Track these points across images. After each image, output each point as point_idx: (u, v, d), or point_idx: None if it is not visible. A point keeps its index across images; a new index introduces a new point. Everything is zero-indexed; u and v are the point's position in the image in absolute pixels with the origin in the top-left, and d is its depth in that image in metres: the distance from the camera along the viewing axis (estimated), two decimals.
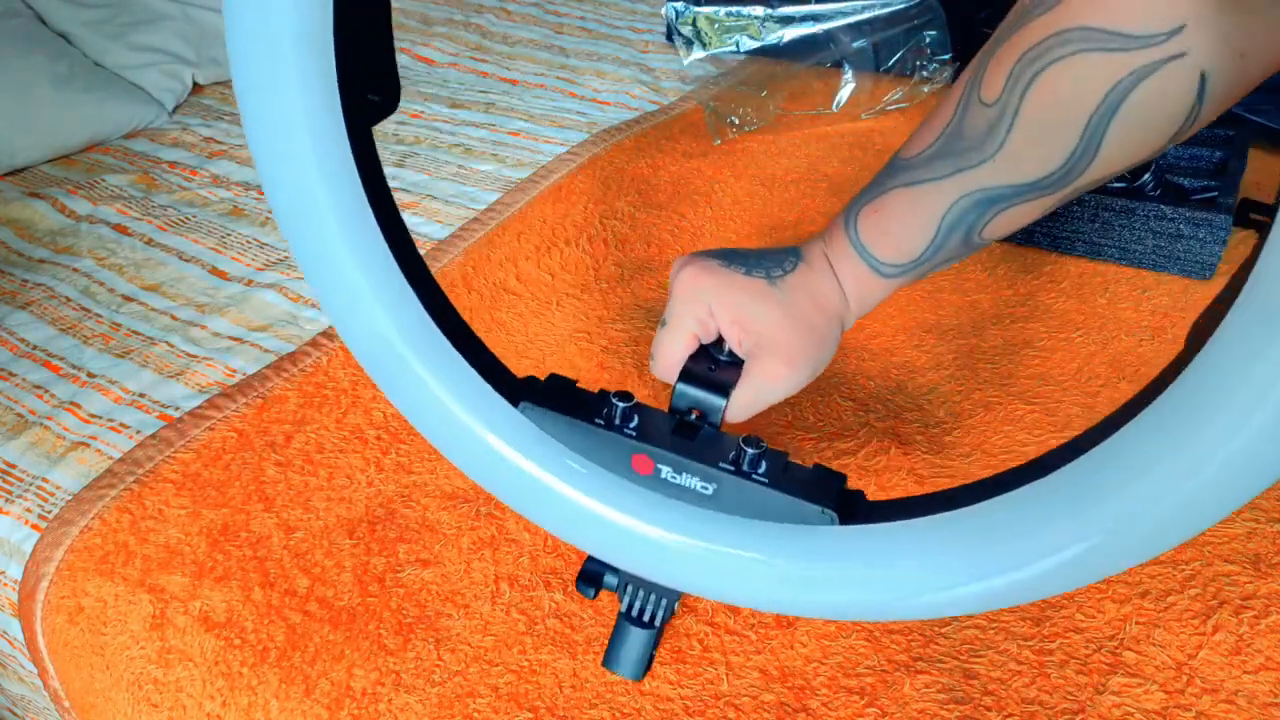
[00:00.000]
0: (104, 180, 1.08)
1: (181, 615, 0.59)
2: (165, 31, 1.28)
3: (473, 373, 0.43)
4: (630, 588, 0.51)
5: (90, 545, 0.64)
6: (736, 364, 0.52)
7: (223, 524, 0.65)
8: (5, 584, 0.66)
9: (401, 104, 1.25)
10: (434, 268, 0.89)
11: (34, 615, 0.63)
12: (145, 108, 1.20)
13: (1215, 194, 0.86)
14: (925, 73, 1.18)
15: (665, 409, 0.51)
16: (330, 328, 0.83)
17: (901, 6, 1.16)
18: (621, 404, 0.45)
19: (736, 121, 1.14)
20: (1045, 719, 0.52)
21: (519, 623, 0.58)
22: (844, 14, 1.16)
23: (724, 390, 0.50)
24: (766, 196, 1.01)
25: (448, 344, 0.43)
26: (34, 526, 0.67)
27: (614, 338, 0.80)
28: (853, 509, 0.43)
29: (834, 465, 0.68)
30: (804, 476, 0.44)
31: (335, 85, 0.37)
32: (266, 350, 0.81)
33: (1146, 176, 0.87)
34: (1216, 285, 0.84)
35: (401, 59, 1.40)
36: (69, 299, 0.89)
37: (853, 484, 0.66)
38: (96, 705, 0.60)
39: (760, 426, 0.71)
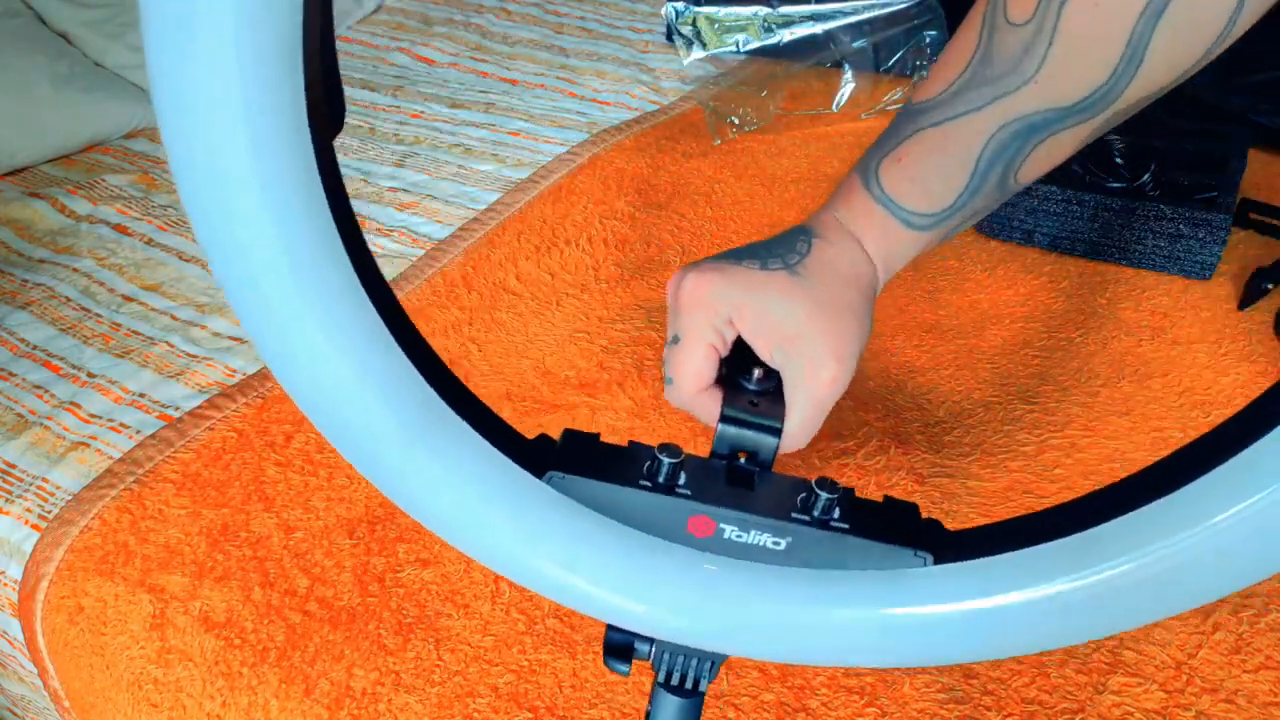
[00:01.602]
0: (104, 180, 1.08)
1: (181, 615, 0.59)
2: None
3: (487, 445, 0.36)
4: (668, 655, 0.44)
5: (90, 545, 0.64)
6: (773, 383, 0.47)
7: (223, 524, 0.65)
8: (5, 584, 0.66)
9: (401, 104, 1.25)
10: (434, 268, 0.89)
11: (34, 615, 0.63)
12: (145, 108, 1.20)
13: (1215, 194, 0.86)
14: (925, 73, 1.18)
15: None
16: None
17: (901, 6, 1.16)
18: (669, 460, 0.39)
19: (736, 121, 1.14)
20: (1045, 719, 0.52)
21: (519, 622, 0.58)
22: (844, 14, 1.16)
23: (772, 421, 0.44)
24: (766, 196, 1.01)
25: (451, 413, 0.36)
26: (34, 526, 0.67)
27: (614, 338, 0.80)
28: (937, 542, 0.39)
29: (834, 465, 0.68)
30: (880, 513, 0.40)
31: (300, 84, 0.29)
32: None
33: (1146, 177, 0.87)
34: (1216, 285, 0.84)
35: (401, 59, 1.40)
36: (69, 299, 0.89)
37: (852, 484, 0.66)
38: (96, 705, 0.60)
39: None
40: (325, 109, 0.32)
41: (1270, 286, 0.81)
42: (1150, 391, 0.73)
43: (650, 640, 0.43)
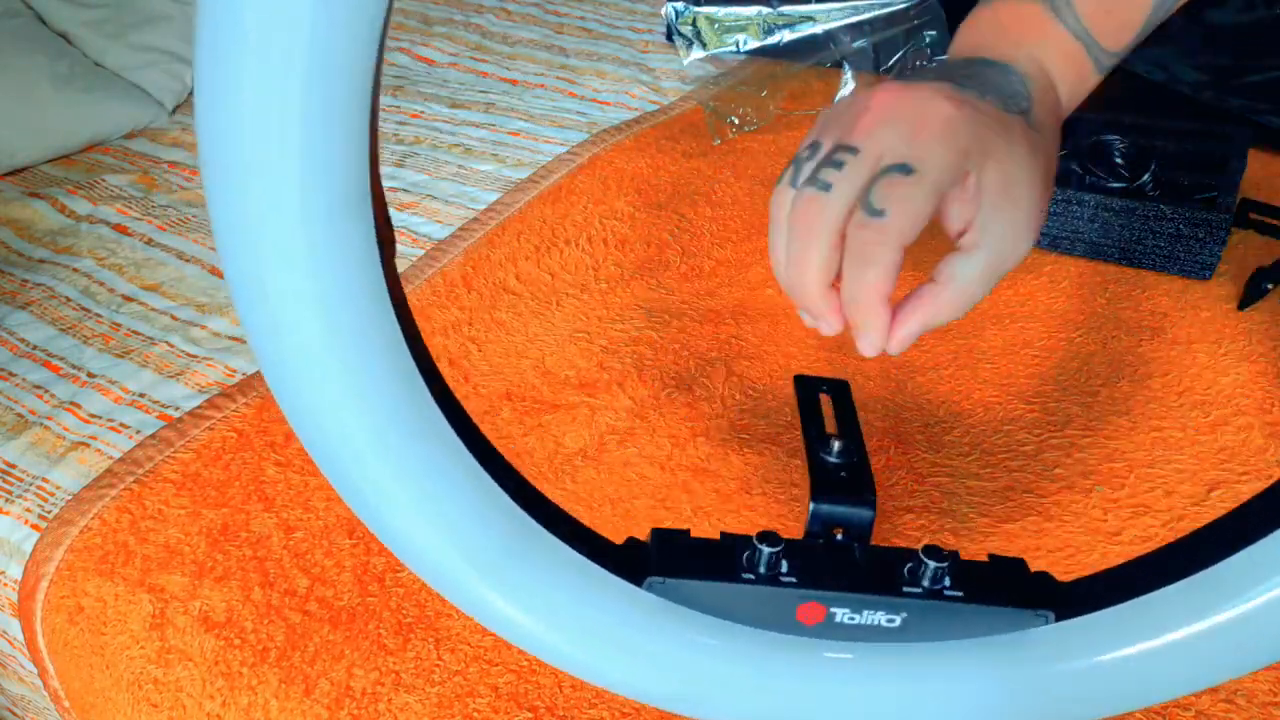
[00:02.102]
0: (104, 180, 1.08)
1: (181, 615, 0.59)
2: (165, 31, 1.28)
3: (583, 560, 0.35)
4: None
5: (90, 545, 0.64)
6: (854, 455, 0.44)
7: (223, 524, 0.65)
8: (5, 584, 0.66)
9: (401, 104, 1.25)
10: (434, 268, 0.89)
11: (34, 615, 0.63)
12: (145, 108, 1.20)
13: (1215, 194, 0.86)
14: None
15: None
16: None
17: (901, 6, 1.16)
18: (768, 549, 0.37)
19: (736, 121, 1.14)
20: None
21: None
22: (844, 14, 1.16)
23: (865, 493, 0.42)
24: (766, 196, 1.01)
25: (545, 532, 0.35)
26: (34, 526, 0.67)
27: (614, 338, 0.80)
28: (1054, 597, 0.37)
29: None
30: (989, 574, 0.38)
31: (370, 215, 0.28)
32: None
33: (1146, 177, 0.87)
34: (1216, 285, 0.84)
35: (401, 59, 1.40)
36: (69, 299, 0.89)
37: None
38: (96, 705, 0.60)
39: (760, 427, 0.71)
40: (383, 233, 0.32)
41: (1270, 286, 0.81)
42: (1150, 391, 0.73)
43: None
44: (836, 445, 0.44)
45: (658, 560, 0.38)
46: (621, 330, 0.81)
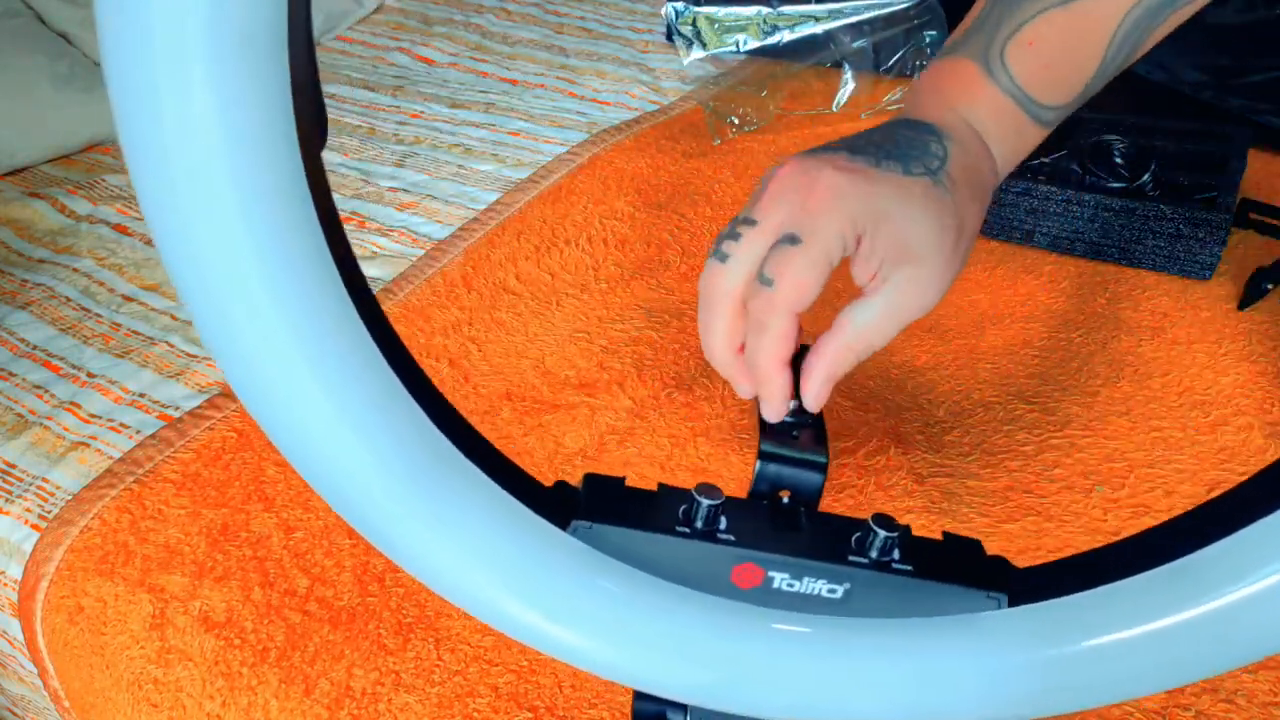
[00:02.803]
0: (104, 180, 1.08)
1: (181, 615, 0.59)
2: None
3: (504, 494, 0.32)
4: None
5: (90, 545, 0.64)
6: (810, 416, 0.42)
7: (223, 524, 0.65)
8: (5, 584, 0.66)
9: (401, 104, 1.25)
10: (434, 268, 0.89)
11: (34, 615, 0.63)
12: None
13: (1215, 194, 0.86)
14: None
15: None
16: None
17: (901, 6, 1.16)
18: (707, 501, 0.34)
19: (736, 121, 1.14)
20: (1045, 718, 0.52)
21: None
22: (844, 14, 1.16)
23: (817, 455, 0.39)
24: None
25: (462, 458, 0.31)
26: (34, 526, 0.67)
27: (614, 338, 0.80)
28: (1008, 582, 0.35)
29: (833, 465, 0.68)
30: (942, 552, 0.36)
31: (287, 89, 0.25)
32: None
33: (1146, 177, 0.87)
34: (1216, 285, 0.84)
35: (401, 59, 1.40)
36: (69, 299, 0.89)
37: (851, 484, 0.66)
38: (96, 705, 0.60)
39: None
40: (311, 123, 0.28)
41: (1270, 286, 0.81)
42: (1150, 391, 0.73)
43: (684, 710, 0.39)
44: (793, 404, 0.42)
45: (586, 504, 0.35)
46: (621, 330, 0.81)
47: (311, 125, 0.28)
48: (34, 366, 0.81)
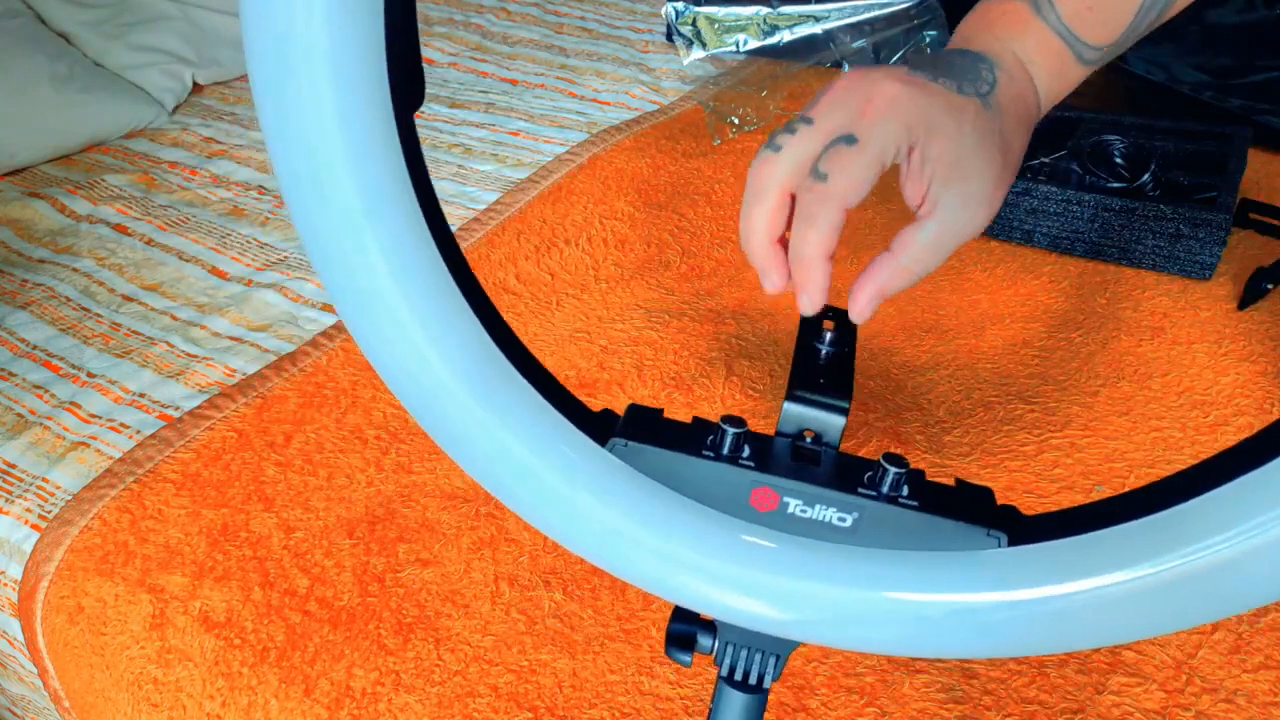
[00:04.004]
0: (104, 180, 1.08)
1: (181, 615, 0.59)
2: (165, 31, 1.28)
3: (552, 410, 0.37)
4: (732, 648, 0.43)
5: (90, 545, 0.64)
6: (844, 359, 0.44)
7: (223, 524, 0.65)
8: (5, 584, 0.66)
9: None
10: None
11: (34, 615, 0.63)
12: (145, 108, 1.20)
13: (1215, 194, 0.86)
14: None
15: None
16: (330, 328, 0.83)
17: (901, 6, 1.16)
18: (732, 430, 0.38)
19: (736, 121, 1.14)
20: (1045, 719, 0.52)
21: (519, 623, 0.58)
22: (844, 14, 1.16)
23: (840, 400, 0.42)
24: None
25: (520, 378, 0.36)
26: (34, 526, 0.67)
27: (614, 338, 0.80)
28: (1014, 526, 0.37)
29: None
30: (951, 494, 0.38)
31: (383, 60, 0.31)
32: (266, 350, 0.81)
33: (1146, 177, 0.87)
34: (1216, 285, 0.84)
35: None
36: (69, 299, 0.89)
37: None
38: (96, 705, 0.60)
39: (761, 427, 0.71)
40: (405, 84, 0.33)
41: (1270, 286, 0.81)
42: (1150, 391, 0.73)
43: (713, 633, 0.42)
44: (828, 336, 0.44)
45: (625, 425, 0.39)
46: (621, 330, 0.81)
47: (406, 85, 0.33)
48: (34, 366, 0.81)
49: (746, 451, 0.38)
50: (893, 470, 0.37)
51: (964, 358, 0.77)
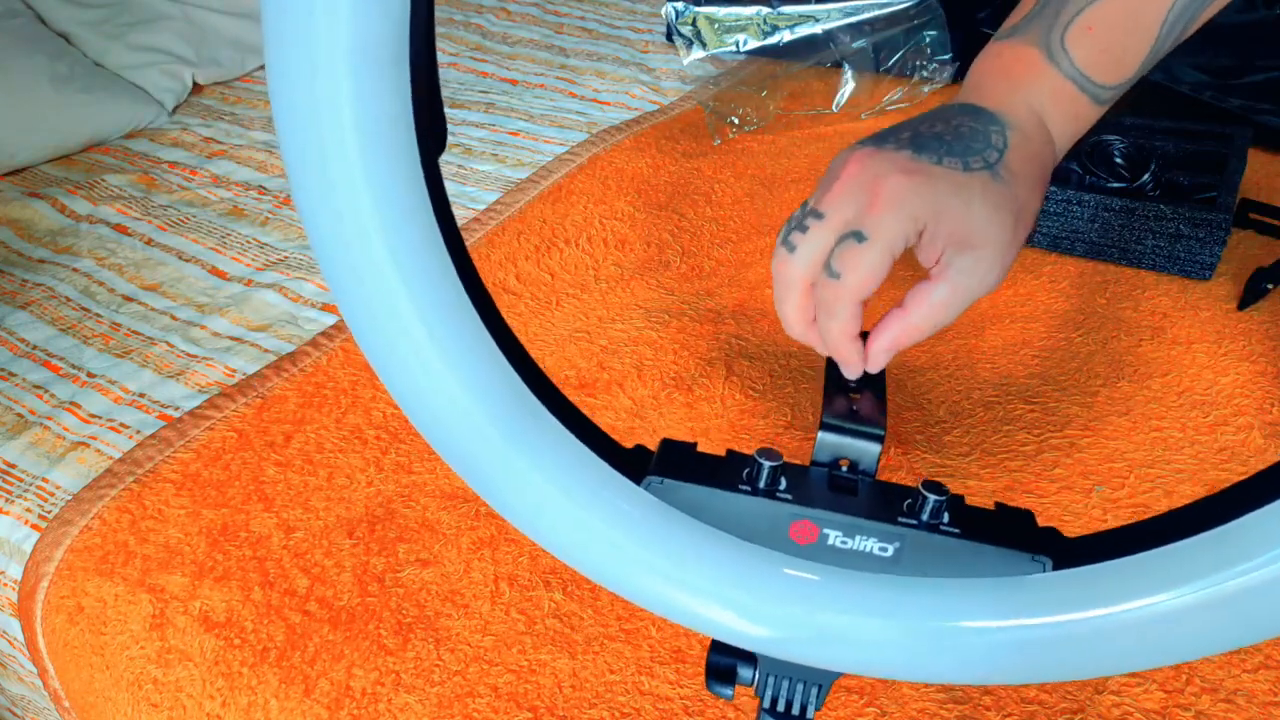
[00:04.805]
0: (104, 180, 1.08)
1: (181, 615, 0.59)
2: (165, 31, 1.28)
3: (586, 450, 0.36)
4: (774, 679, 0.42)
5: (90, 545, 0.64)
6: (875, 386, 0.45)
7: (223, 524, 0.65)
8: (5, 584, 0.66)
9: None
10: None
11: (34, 615, 0.63)
12: (145, 108, 1.20)
13: (1215, 194, 0.86)
14: (925, 73, 1.18)
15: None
16: (330, 328, 0.83)
17: (901, 6, 1.16)
18: (769, 463, 0.38)
19: (736, 121, 1.14)
20: (1045, 719, 0.52)
21: (519, 623, 0.58)
22: (844, 14, 1.16)
23: (874, 428, 0.42)
24: (766, 196, 1.01)
25: (551, 418, 0.36)
26: (34, 526, 0.67)
27: (614, 338, 0.80)
28: (1058, 550, 0.37)
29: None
30: (992, 519, 0.38)
31: (409, 107, 0.31)
32: (266, 350, 0.81)
33: (1146, 177, 0.87)
34: (1216, 285, 0.84)
35: None
36: (69, 299, 0.89)
37: None
38: (96, 705, 0.60)
39: (760, 427, 0.71)
40: (430, 129, 0.33)
41: (1270, 286, 0.81)
42: (1150, 391, 0.73)
43: (754, 664, 0.42)
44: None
45: (659, 461, 0.39)
46: (621, 330, 0.81)
47: (429, 132, 0.33)
48: (34, 366, 0.81)
49: (784, 484, 0.38)
50: (933, 498, 0.37)
51: (964, 358, 0.77)
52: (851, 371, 0.45)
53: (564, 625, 0.58)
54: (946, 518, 0.37)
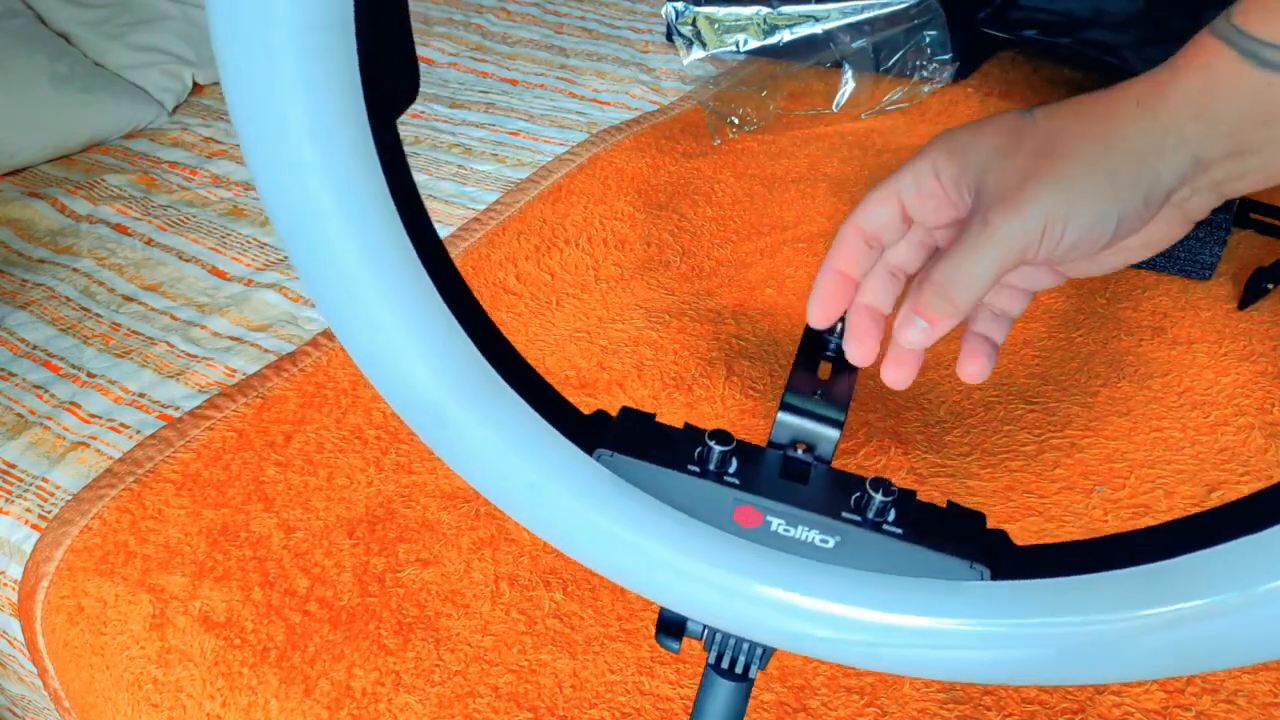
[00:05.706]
0: (104, 180, 1.08)
1: (181, 615, 0.59)
2: (165, 31, 1.28)
3: (536, 417, 0.37)
4: (719, 636, 0.43)
5: (90, 545, 0.64)
6: (846, 373, 0.45)
7: (223, 524, 0.65)
8: (5, 584, 0.66)
9: None
10: None
11: (34, 615, 0.63)
12: (145, 108, 1.20)
13: None
14: (925, 73, 1.18)
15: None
16: (329, 328, 0.83)
17: (901, 6, 1.16)
18: (719, 447, 0.38)
19: (736, 121, 1.14)
20: (1046, 719, 0.52)
21: (519, 623, 0.58)
22: (844, 14, 1.16)
23: (835, 413, 0.42)
24: (766, 196, 1.01)
25: (503, 383, 0.37)
26: (34, 526, 0.67)
27: (614, 338, 0.80)
28: (1001, 556, 0.37)
29: (833, 465, 0.68)
30: (941, 520, 0.38)
31: (355, 62, 0.30)
32: (266, 350, 0.81)
33: None
34: (1216, 285, 0.84)
35: None
36: (69, 299, 0.89)
37: None
38: (96, 705, 0.60)
39: (761, 427, 0.71)
40: (385, 84, 0.32)
41: (1270, 286, 0.81)
42: (1150, 391, 0.73)
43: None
44: (832, 344, 0.45)
45: (613, 433, 0.39)
46: (621, 330, 0.81)
47: (385, 87, 0.32)
48: (34, 366, 0.81)
49: (733, 467, 0.38)
50: (878, 498, 0.37)
51: None
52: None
53: (564, 625, 0.58)
54: (892, 515, 0.37)
